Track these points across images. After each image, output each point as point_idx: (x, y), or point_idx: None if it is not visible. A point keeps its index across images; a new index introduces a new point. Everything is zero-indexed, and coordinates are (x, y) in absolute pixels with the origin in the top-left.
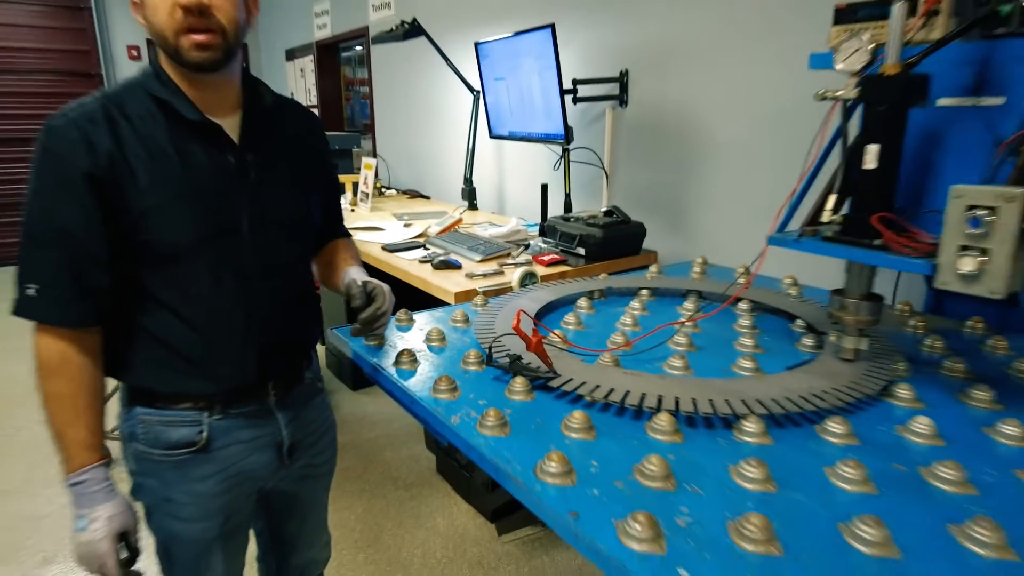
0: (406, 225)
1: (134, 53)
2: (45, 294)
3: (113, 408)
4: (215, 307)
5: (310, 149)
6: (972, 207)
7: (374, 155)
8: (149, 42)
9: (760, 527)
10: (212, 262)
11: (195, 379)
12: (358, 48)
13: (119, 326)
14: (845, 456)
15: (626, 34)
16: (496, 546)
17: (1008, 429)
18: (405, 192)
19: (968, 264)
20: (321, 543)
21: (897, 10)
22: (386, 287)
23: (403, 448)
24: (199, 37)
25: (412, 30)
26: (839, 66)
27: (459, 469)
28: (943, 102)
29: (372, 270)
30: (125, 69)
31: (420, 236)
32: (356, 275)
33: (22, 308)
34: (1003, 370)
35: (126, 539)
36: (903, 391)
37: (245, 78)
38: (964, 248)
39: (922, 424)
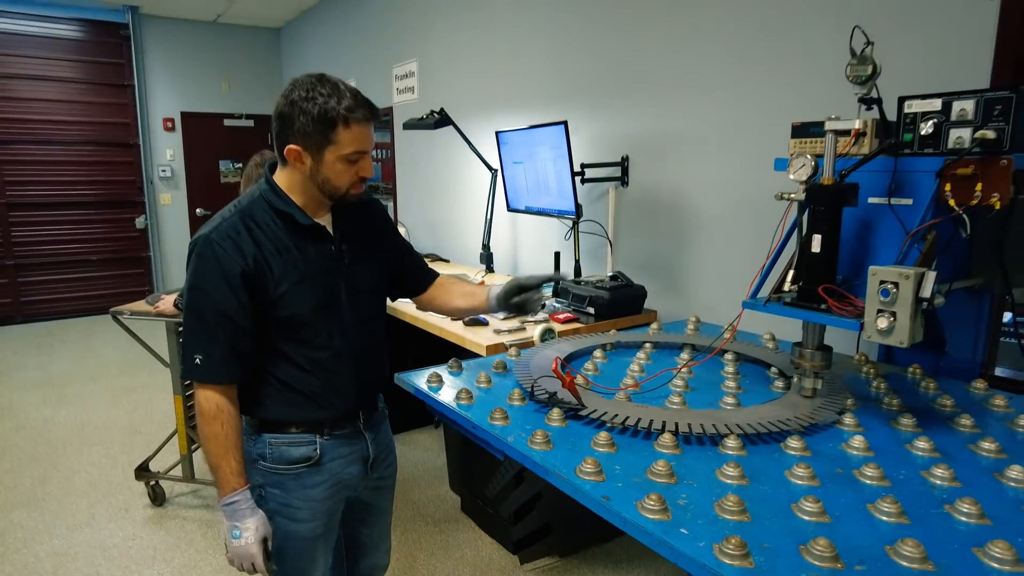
0: None
1: (169, 125)
2: (208, 362)
3: None
4: (328, 355)
5: (380, 229)
6: (883, 282)
7: (396, 221)
8: (183, 114)
9: (736, 503)
10: (324, 324)
11: (313, 410)
12: None
13: (253, 377)
14: (799, 462)
15: (626, 126)
16: (519, 574)
17: (921, 444)
18: (427, 256)
19: (883, 323)
20: (384, 548)
21: (829, 140)
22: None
23: (429, 489)
24: (360, 189)
25: (441, 119)
26: (791, 176)
27: (483, 506)
28: (872, 200)
29: (410, 327)
30: (161, 139)
31: None
32: (496, 289)
33: (191, 373)
34: (928, 404)
35: (265, 544)
36: (848, 419)
37: None
38: (879, 311)
39: (858, 441)
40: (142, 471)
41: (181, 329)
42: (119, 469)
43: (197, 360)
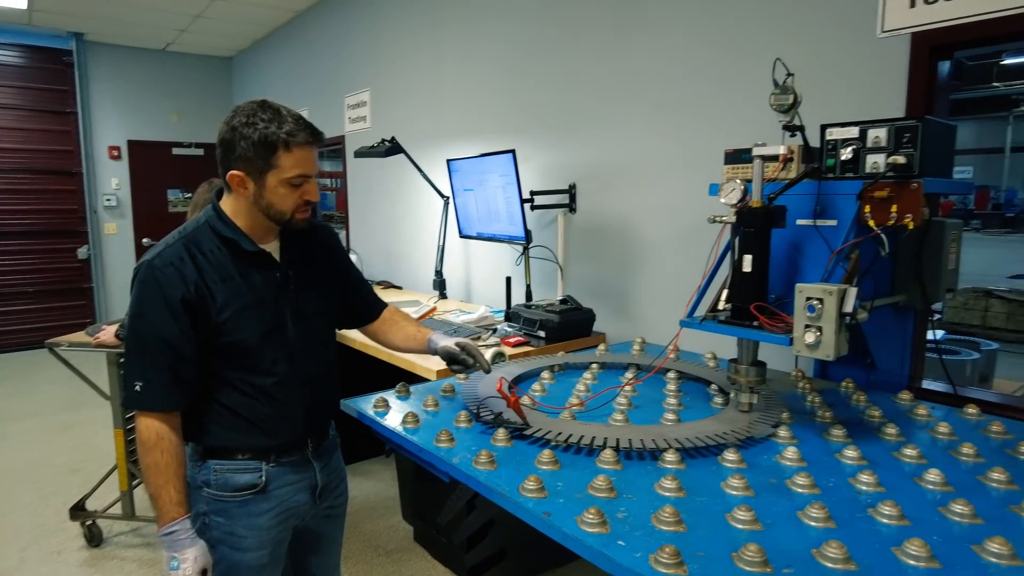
0: None
1: (114, 153)
2: (149, 389)
3: None
4: (274, 382)
5: (331, 256)
6: (809, 298)
7: (348, 249)
8: (130, 143)
9: (672, 514)
10: (269, 350)
11: (259, 436)
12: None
13: (198, 403)
14: (735, 474)
15: (573, 155)
16: None
17: (850, 453)
18: (379, 283)
19: (810, 337)
20: None
21: (756, 165)
22: (466, 340)
23: (381, 520)
24: (306, 214)
25: (393, 148)
26: (722, 200)
27: (436, 535)
28: (800, 222)
29: (362, 354)
30: (106, 167)
31: None
32: (439, 339)
33: (131, 400)
34: (859, 416)
35: (205, 574)
36: (783, 432)
37: None
38: (807, 327)
39: (791, 452)
40: (77, 510)
41: (123, 360)
42: (53, 510)
43: (137, 387)
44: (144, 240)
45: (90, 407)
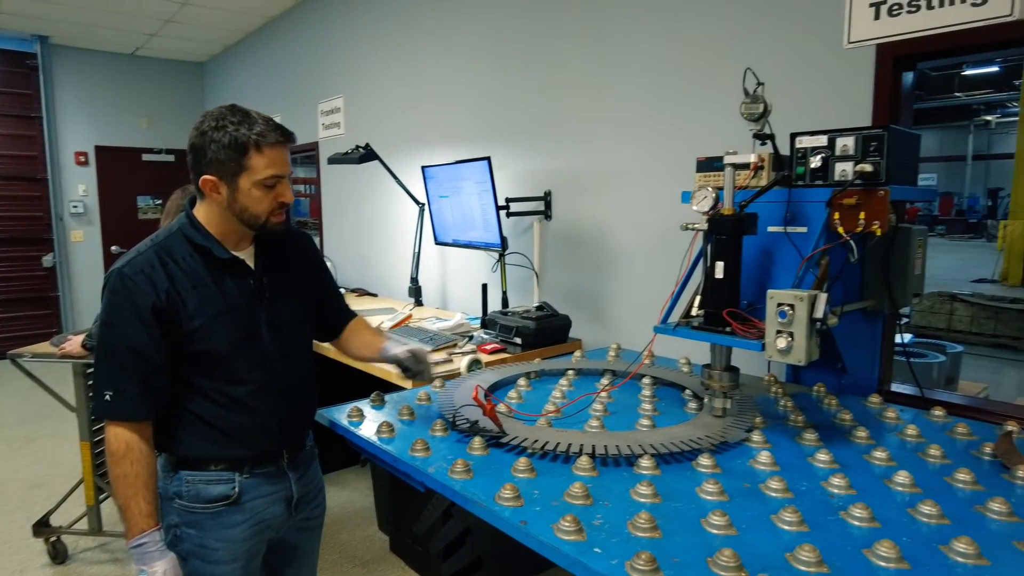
0: None
1: (81, 159)
2: (119, 399)
3: None
4: (248, 391)
5: (306, 263)
6: (780, 304)
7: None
8: (97, 148)
9: (648, 520)
10: (243, 358)
11: (232, 447)
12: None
13: (170, 413)
14: (709, 479)
15: (548, 163)
16: None
17: (822, 456)
18: (353, 290)
19: (782, 342)
20: None
21: (728, 173)
22: (419, 346)
23: (357, 530)
24: (281, 217)
25: (367, 154)
26: (694, 207)
27: (413, 545)
28: (771, 229)
29: (335, 363)
30: (72, 173)
31: None
32: (392, 346)
33: (100, 409)
34: (830, 419)
35: None
36: (756, 436)
37: None
38: (778, 332)
39: (765, 457)
40: (41, 526)
41: (91, 371)
42: (15, 527)
43: (107, 396)
44: (113, 248)
45: (55, 420)
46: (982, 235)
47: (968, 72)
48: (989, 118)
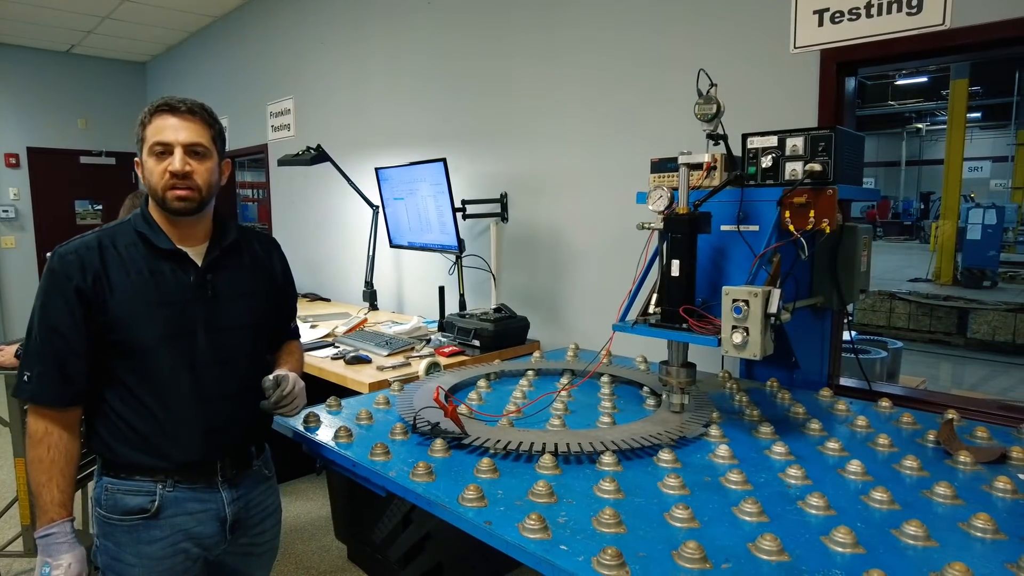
0: (312, 326)
1: (12, 161)
2: (36, 380)
3: None
4: (168, 393)
5: (267, 270)
6: (735, 300)
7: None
8: (30, 150)
9: (612, 516)
10: (170, 357)
11: (147, 454)
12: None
13: (98, 409)
14: (671, 473)
15: (503, 165)
16: None
17: (778, 449)
18: (305, 296)
19: (737, 338)
20: None
21: (682, 173)
22: (293, 376)
23: (313, 540)
24: (180, 192)
25: (319, 156)
26: (650, 207)
27: (372, 552)
28: (725, 228)
29: None
30: (2, 177)
31: (328, 336)
32: (277, 371)
33: (19, 390)
34: (784, 413)
35: None
36: (714, 431)
37: (217, 217)
38: (734, 328)
39: (723, 450)
40: None
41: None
42: None
43: (26, 377)
44: (47, 254)
45: None
46: (916, 237)
47: (900, 82)
48: (920, 126)
